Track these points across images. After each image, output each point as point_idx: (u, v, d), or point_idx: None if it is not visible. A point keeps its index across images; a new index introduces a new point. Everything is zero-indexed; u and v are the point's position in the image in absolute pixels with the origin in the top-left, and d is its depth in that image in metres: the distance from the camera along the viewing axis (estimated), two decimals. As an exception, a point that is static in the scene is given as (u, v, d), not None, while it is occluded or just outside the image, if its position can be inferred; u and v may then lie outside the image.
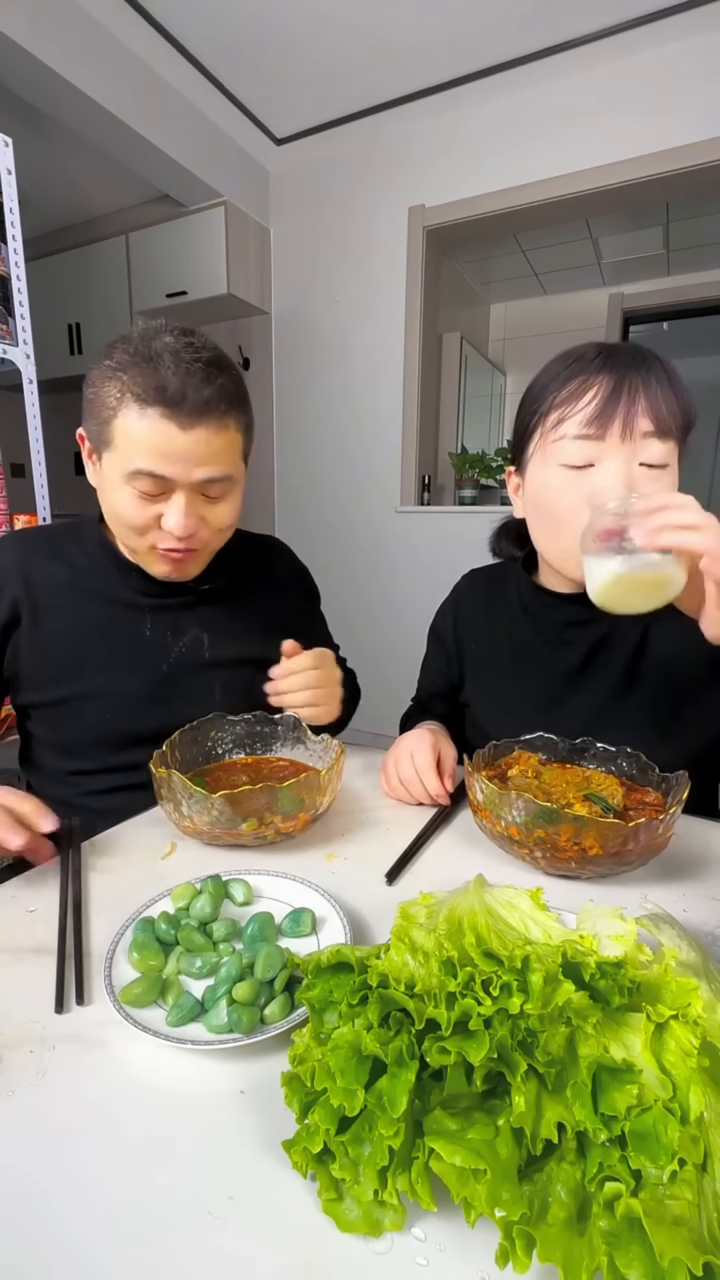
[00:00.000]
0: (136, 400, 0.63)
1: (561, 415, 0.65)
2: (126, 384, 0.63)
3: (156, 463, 0.64)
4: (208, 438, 0.65)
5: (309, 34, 2.12)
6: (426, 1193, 0.27)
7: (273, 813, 0.59)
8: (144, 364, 0.63)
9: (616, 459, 0.62)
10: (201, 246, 2.80)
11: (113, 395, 0.64)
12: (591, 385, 0.63)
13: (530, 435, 0.70)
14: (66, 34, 1.97)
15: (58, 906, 0.51)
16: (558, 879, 0.57)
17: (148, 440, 0.63)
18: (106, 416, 0.65)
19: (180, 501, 0.67)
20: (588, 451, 0.63)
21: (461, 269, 3.44)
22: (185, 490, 0.67)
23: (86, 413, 0.68)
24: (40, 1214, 0.29)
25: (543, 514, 0.70)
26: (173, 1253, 0.28)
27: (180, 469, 0.65)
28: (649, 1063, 0.29)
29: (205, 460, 0.66)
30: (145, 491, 0.66)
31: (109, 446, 0.66)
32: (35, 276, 2.09)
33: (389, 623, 2.94)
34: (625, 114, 2.22)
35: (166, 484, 0.66)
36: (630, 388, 0.61)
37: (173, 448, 0.64)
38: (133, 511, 0.68)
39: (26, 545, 0.80)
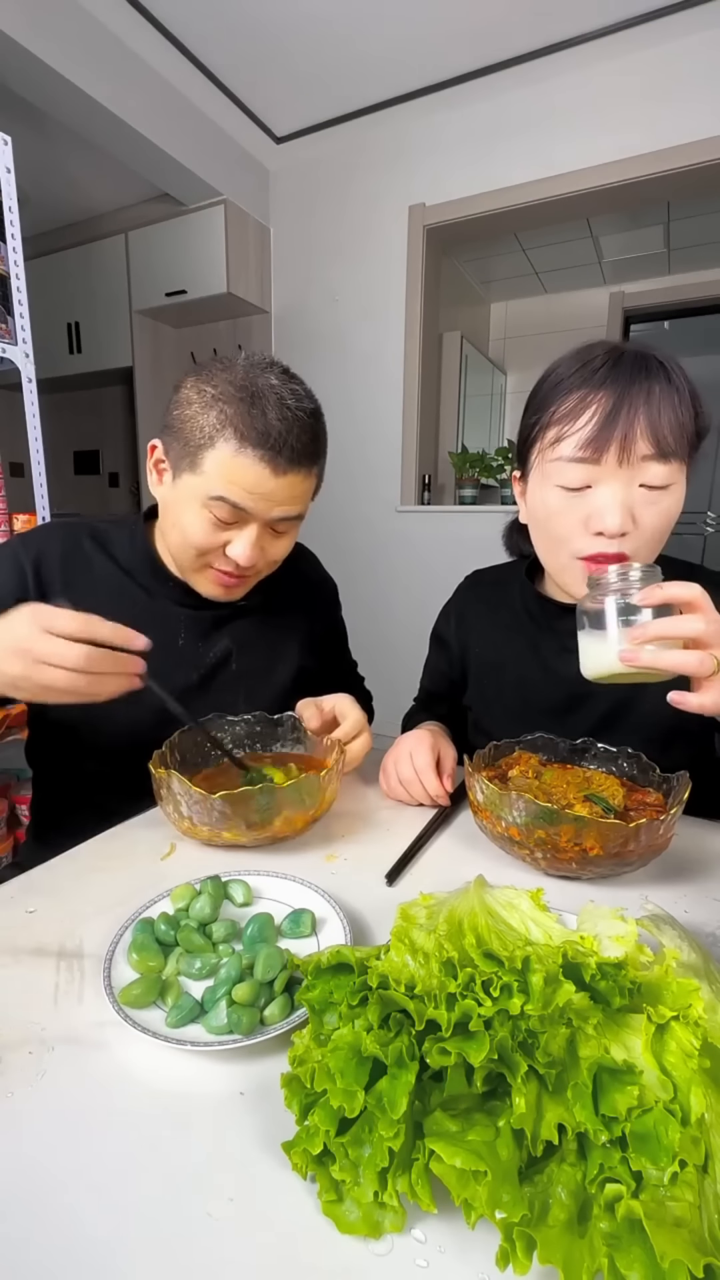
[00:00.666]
0: (238, 437, 0.64)
1: (559, 434, 0.63)
2: (230, 418, 0.64)
3: (243, 498, 0.66)
4: (295, 482, 0.69)
5: (309, 32, 2.12)
6: (426, 1194, 0.27)
7: (273, 813, 0.58)
8: (249, 404, 0.65)
9: (613, 483, 0.61)
10: (201, 245, 2.79)
11: (211, 424, 0.65)
12: (591, 403, 0.61)
13: (531, 445, 0.69)
14: (66, 32, 1.97)
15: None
16: (558, 880, 0.57)
17: (242, 478, 0.66)
18: (201, 442, 0.66)
19: (251, 534, 0.70)
20: (585, 474, 0.62)
21: (462, 268, 3.43)
22: (259, 524, 0.70)
23: (172, 430, 0.69)
24: (40, 1215, 0.29)
25: (542, 531, 0.70)
26: (172, 1254, 0.27)
27: (263, 506, 0.68)
28: (650, 1064, 0.29)
29: (286, 501, 0.69)
30: (220, 519, 0.68)
31: (195, 470, 0.67)
32: (34, 275, 2.09)
33: (389, 622, 2.94)
34: (625, 112, 2.22)
35: (243, 516, 0.68)
36: (630, 407, 0.59)
37: (263, 488, 0.66)
38: (202, 534, 0.69)
39: (74, 533, 0.80)
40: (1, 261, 1.55)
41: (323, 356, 2.95)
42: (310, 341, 2.98)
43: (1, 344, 1.54)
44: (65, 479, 3.99)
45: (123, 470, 3.83)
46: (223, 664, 0.82)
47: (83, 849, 0.61)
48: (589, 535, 0.63)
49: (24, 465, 1.70)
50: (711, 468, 4.06)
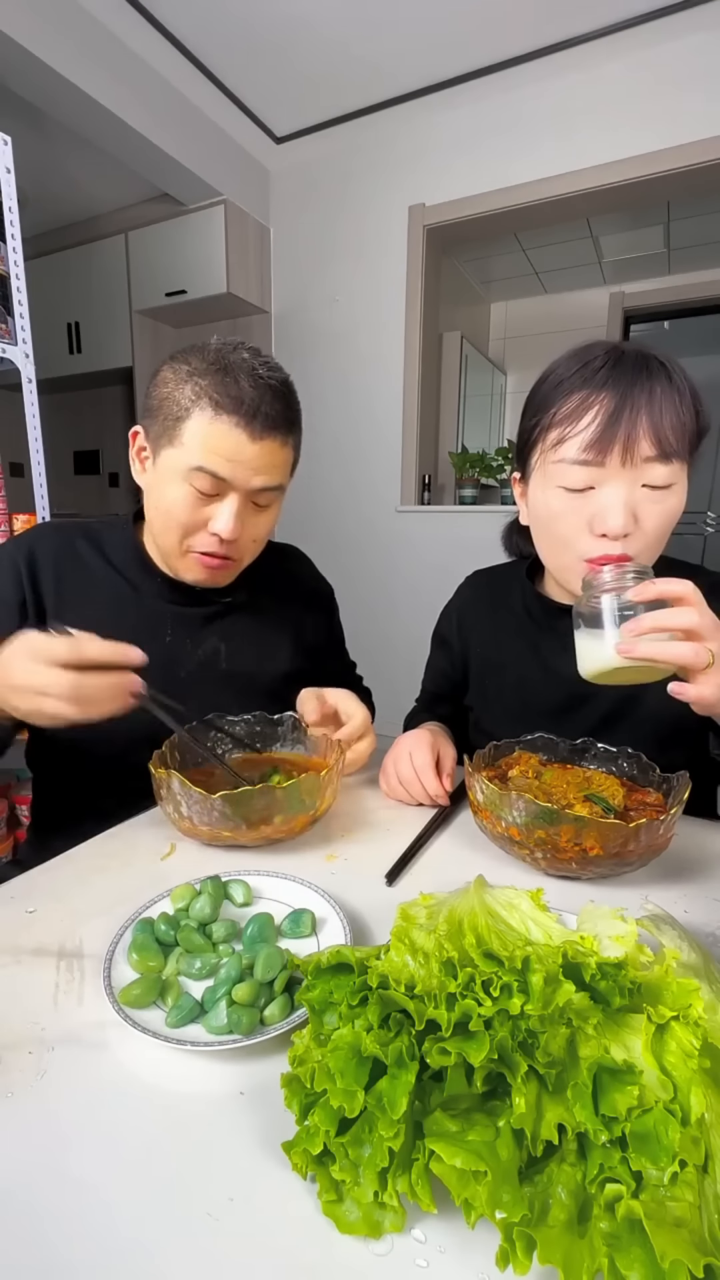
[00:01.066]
0: (213, 405, 0.67)
1: (561, 435, 0.63)
2: (205, 389, 0.67)
3: (221, 465, 0.68)
4: (272, 450, 0.70)
5: (309, 32, 2.12)
6: (426, 1194, 0.27)
7: (273, 813, 0.58)
8: (223, 374, 0.67)
9: (616, 484, 0.61)
10: (201, 245, 2.79)
11: (187, 397, 0.67)
12: (593, 404, 0.61)
13: (532, 447, 0.69)
14: (66, 32, 1.97)
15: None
16: (558, 880, 0.57)
17: (219, 444, 0.67)
18: (178, 415, 0.68)
19: (233, 505, 0.71)
20: (587, 476, 0.62)
21: (462, 268, 3.43)
22: (240, 495, 0.71)
23: (150, 411, 0.71)
24: (40, 1215, 0.29)
25: (544, 533, 0.70)
26: (172, 1254, 0.27)
27: (242, 475, 0.69)
28: (650, 1064, 0.29)
29: (264, 470, 0.70)
30: (202, 491, 0.69)
31: (174, 444, 0.69)
32: (34, 275, 2.09)
33: (389, 622, 2.94)
34: (626, 112, 2.22)
35: (224, 486, 0.70)
36: (632, 408, 0.59)
37: (240, 455, 0.68)
38: (184, 509, 0.70)
39: (66, 532, 0.82)
40: (1, 261, 1.55)
41: (323, 356, 2.95)
42: (310, 341, 2.98)
43: (1, 344, 1.54)
44: (65, 479, 3.99)
45: (123, 470, 3.83)
46: (211, 661, 0.82)
47: (83, 849, 0.61)
48: (592, 537, 0.63)
49: (24, 465, 1.70)
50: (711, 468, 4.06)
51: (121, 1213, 0.29)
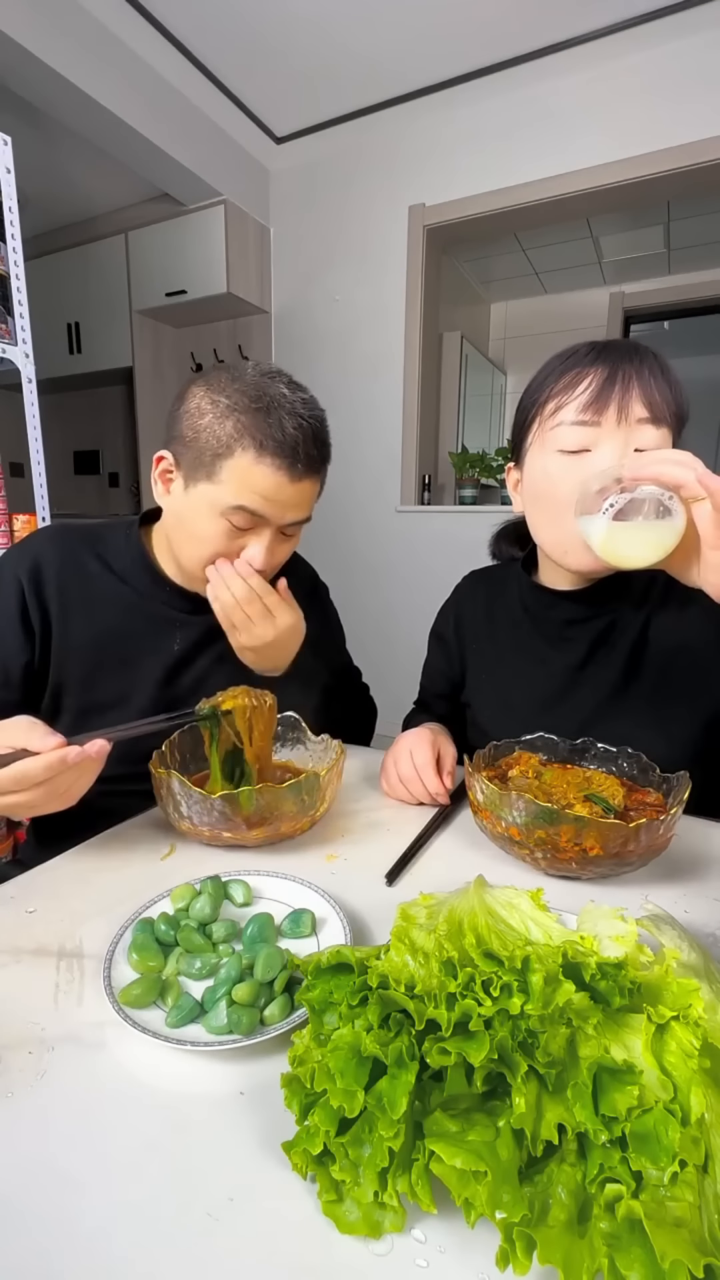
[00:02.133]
0: (256, 446, 0.66)
1: (559, 403, 0.66)
2: (247, 428, 0.66)
3: (261, 505, 0.69)
4: (307, 487, 0.72)
5: (309, 32, 2.11)
6: (426, 1194, 0.27)
7: (272, 814, 0.58)
8: (265, 414, 0.67)
9: (613, 443, 0.63)
10: (201, 245, 2.79)
11: (228, 433, 0.67)
12: (587, 375, 0.64)
13: (528, 428, 0.71)
14: (66, 32, 1.97)
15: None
16: (558, 880, 0.57)
17: (261, 486, 0.68)
18: (218, 451, 0.67)
19: (266, 538, 0.72)
20: (584, 437, 0.64)
21: (462, 268, 3.43)
22: (273, 529, 0.72)
23: (183, 439, 0.69)
24: (39, 1215, 0.29)
25: (542, 502, 0.70)
26: (172, 1254, 0.27)
27: (278, 512, 0.70)
28: (650, 1064, 0.29)
29: (299, 506, 0.72)
30: (237, 525, 0.70)
31: (211, 479, 0.68)
32: (34, 275, 2.09)
33: (389, 622, 2.94)
34: (626, 112, 2.21)
35: (259, 522, 0.70)
36: (624, 376, 0.63)
37: (280, 495, 0.69)
38: (219, 542, 0.71)
39: (67, 537, 0.80)
40: (1, 261, 1.55)
41: (323, 356, 2.95)
42: (310, 341, 2.98)
43: (1, 344, 1.54)
44: (65, 479, 3.99)
45: (123, 470, 3.83)
46: (216, 669, 0.82)
47: (83, 849, 0.61)
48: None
49: (24, 465, 1.70)
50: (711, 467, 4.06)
51: (121, 1213, 0.29)
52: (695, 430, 0.68)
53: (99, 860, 0.59)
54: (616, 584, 0.74)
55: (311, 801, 0.61)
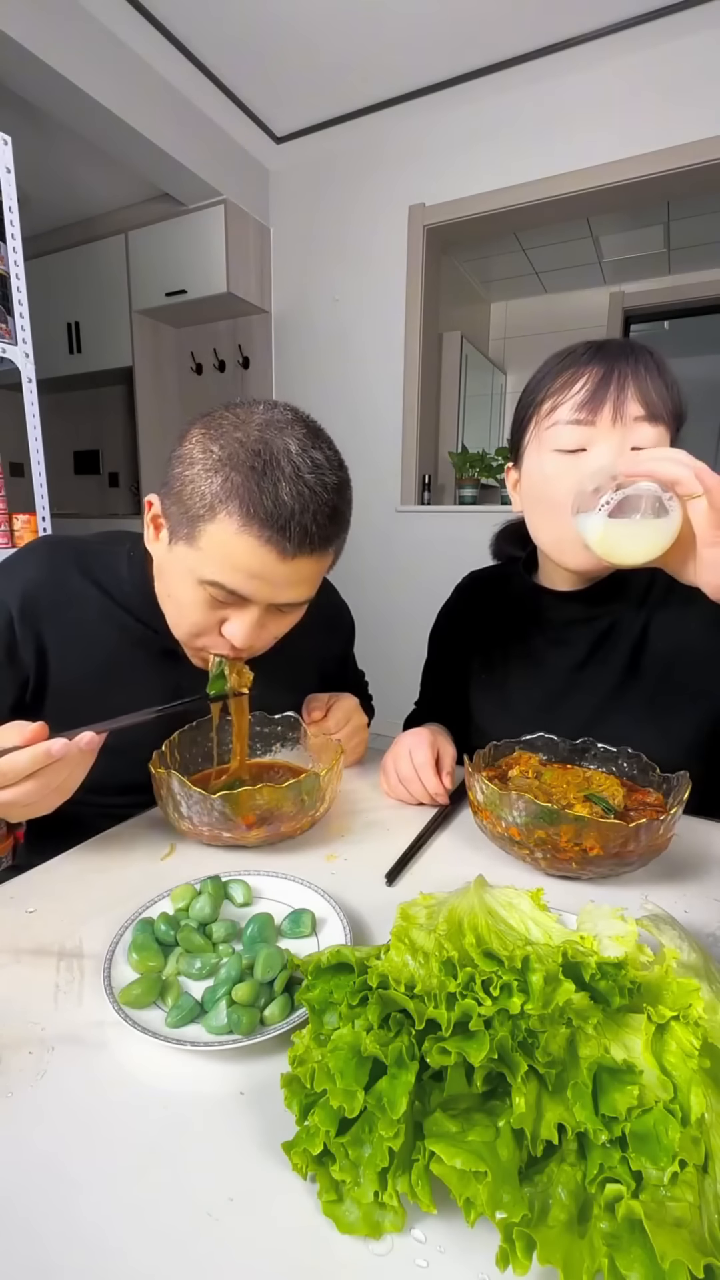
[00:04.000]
0: (242, 512, 0.54)
1: (555, 403, 0.66)
2: (235, 488, 0.54)
3: (242, 583, 0.57)
4: (306, 565, 0.58)
5: (309, 32, 2.11)
6: (426, 1195, 0.27)
7: (272, 814, 0.58)
8: (261, 475, 0.54)
9: (609, 442, 0.63)
10: (201, 245, 2.79)
11: (211, 491, 0.55)
12: (582, 374, 0.64)
13: (526, 427, 0.71)
14: (66, 32, 1.97)
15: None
16: (558, 880, 0.57)
17: (242, 561, 0.56)
18: (198, 512, 0.56)
19: (251, 616, 0.60)
20: (580, 436, 0.64)
21: (461, 268, 3.43)
22: (260, 607, 0.61)
23: (169, 487, 0.59)
24: (39, 1215, 0.29)
25: (540, 501, 0.70)
26: (172, 1254, 0.27)
27: (266, 592, 0.58)
28: (650, 1064, 0.29)
29: (294, 586, 0.59)
30: (217, 598, 0.59)
31: (191, 543, 0.57)
32: (34, 275, 2.09)
33: (389, 622, 2.94)
34: (626, 112, 2.21)
35: (243, 599, 0.60)
36: (620, 374, 0.63)
37: (266, 573, 0.57)
38: (196, 614, 0.62)
39: (59, 560, 0.71)
40: (1, 261, 1.55)
41: (323, 356, 2.95)
42: (310, 341, 2.98)
43: (1, 344, 1.54)
44: (65, 479, 3.99)
45: (123, 470, 3.83)
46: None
47: (83, 849, 0.61)
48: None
49: (24, 465, 1.70)
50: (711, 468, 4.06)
51: (121, 1213, 0.29)
52: (695, 430, 0.68)
53: (99, 860, 0.59)
54: (616, 584, 0.74)
55: (311, 801, 0.61)
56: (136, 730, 0.56)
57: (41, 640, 0.68)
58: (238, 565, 0.56)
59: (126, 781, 0.67)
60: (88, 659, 0.70)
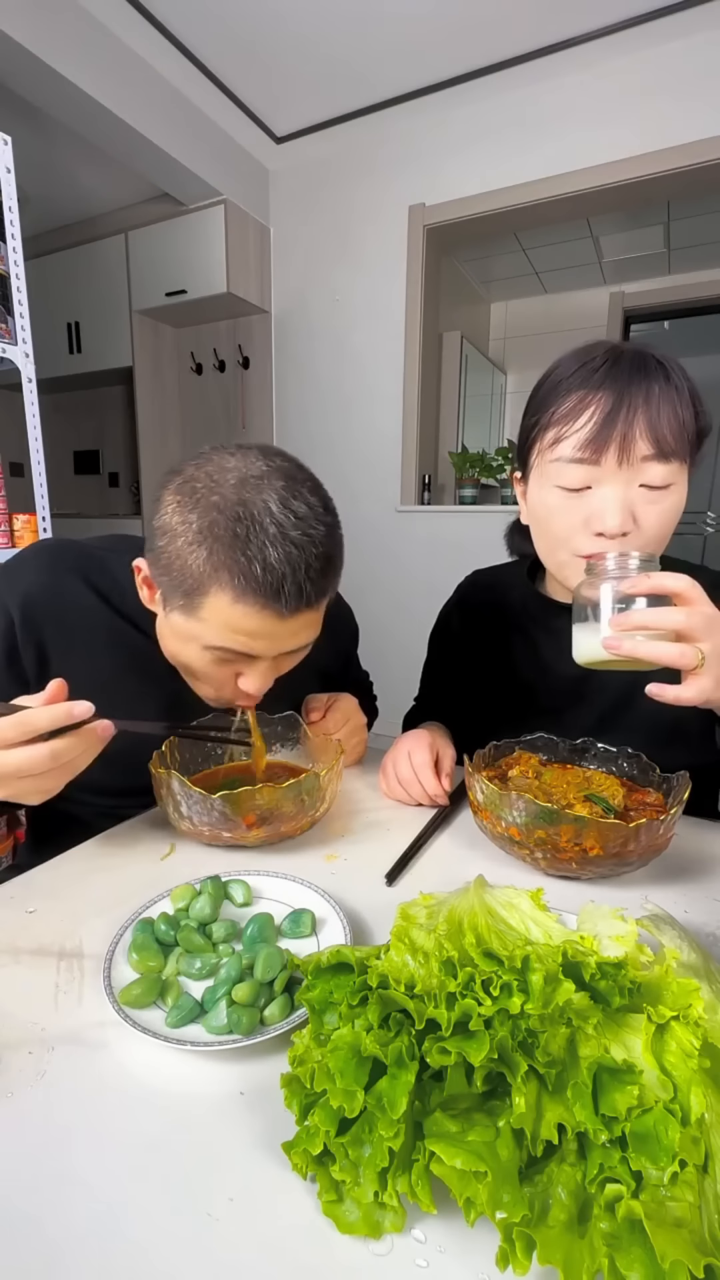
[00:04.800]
0: (233, 586, 0.53)
1: (559, 434, 0.63)
2: (223, 563, 0.53)
3: (246, 645, 0.58)
4: (306, 616, 0.59)
5: (309, 32, 2.11)
6: (426, 1195, 0.27)
7: (273, 814, 0.58)
8: (245, 543, 0.53)
9: (613, 483, 0.61)
10: (201, 245, 2.79)
11: (199, 567, 0.54)
12: (590, 403, 0.61)
13: (531, 446, 0.69)
14: (66, 32, 1.97)
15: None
16: (558, 880, 0.57)
17: (244, 627, 0.56)
18: (190, 588, 0.55)
19: (262, 667, 0.61)
20: (584, 475, 0.62)
21: (462, 268, 3.43)
22: (269, 660, 0.61)
23: (157, 561, 0.57)
24: (39, 1215, 0.29)
25: (542, 531, 0.70)
26: (172, 1254, 0.27)
27: (271, 648, 0.59)
28: (650, 1064, 0.29)
29: (298, 635, 0.60)
30: (224, 659, 0.60)
31: (188, 614, 0.58)
32: (34, 275, 2.09)
33: (389, 622, 2.94)
34: (625, 112, 2.21)
35: (249, 658, 0.61)
36: (629, 408, 0.59)
37: (267, 633, 0.57)
38: (210, 675, 0.62)
39: (61, 567, 0.70)
40: (1, 261, 1.55)
41: (323, 356, 2.95)
42: (310, 341, 2.98)
43: (1, 344, 1.54)
44: (65, 479, 3.99)
45: (123, 470, 3.83)
46: (230, 710, 0.75)
47: (83, 849, 0.61)
48: (589, 535, 0.63)
49: (24, 465, 1.70)
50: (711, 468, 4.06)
51: (121, 1213, 0.29)
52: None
53: (99, 860, 0.59)
54: None
55: (312, 802, 0.61)
56: (137, 737, 0.56)
57: (43, 645, 0.67)
58: (238, 630, 0.56)
59: (126, 784, 0.67)
60: (88, 666, 0.69)
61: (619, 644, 0.49)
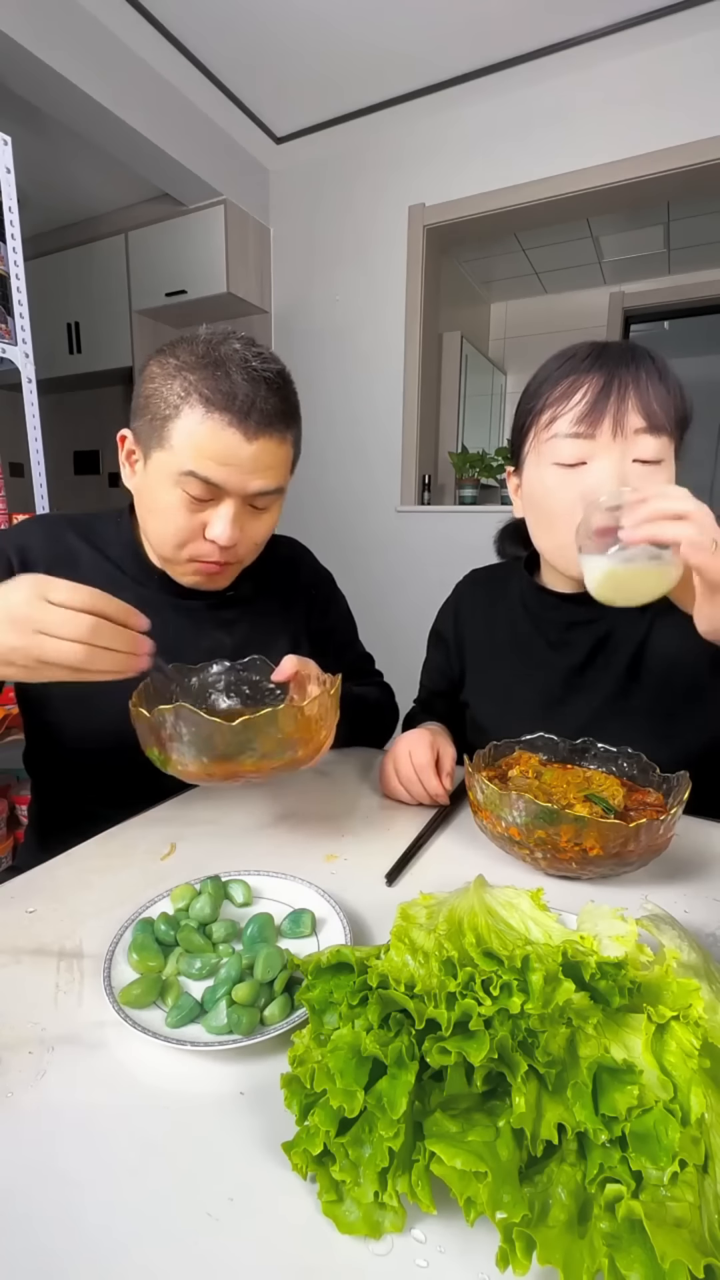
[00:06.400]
0: (204, 403, 0.62)
1: (554, 414, 0.65)
2: (194, 384, 0.62)
3: (215, 470, 0.63)
4: (269, 449, 0.65)
5: (309, 32, 2.11)
6: (426, 1195, 0.27)
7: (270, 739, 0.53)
8: (213, 368, 0.62)
9: (609, 456, 0.63)
10: (201, 245, 2.79)
11: (175, 394, 0.63)
12: (582, 384, 0.64)
13: (526, 434, 0.71)
14: (66, 32, 1.97)
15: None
16: (558, 880, 0.57)
17: (210, 446, 0.63)
18: (167, 415, 0.63)
19: (229, 510, 0.66)
20: (580, 449, 0.64)
21: (462, 268, 3.43)
22: (236, 500, 0.66)
23: (138, 410, 0.67)
24: (39, 1215, 0.29)
25: (539, 513, 0.70)
26: (172, 1255, 0.27)
27: (237, 479, 0.65)
28: (650, 1064, 0.29)
29: (262, 471, 0.66)
30: (195, 496, 0.65)
31: (163, 445, 0.64)
32: (34, 275, 2.09)
33: (388, 622, 2.93)
34: (625, 112, 2.21)
35: (218, 491, 0.65)
36: (620, 384, 0.62)
37: (234, 457, 0.64)
38: (178, 517, 0.67)
39: (53, 526, 0.78)
40: (1, 261, 1.55)
41: (323, 356, 2.95)
42: (310, 341, 2.98)
43: (1, 344, 1.54)
44: (65, 479, 3.99)
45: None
46: (214, 656, 0.78)
47: (83, 849, 0.61)
48: None
49: (24, 465, 1.70)
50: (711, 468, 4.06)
51: (121, 1213, 0.29)
52: (695, 430, 0.68)
53: (99, 860, 0.59)
54: None
55: (311, 730, 0.55)
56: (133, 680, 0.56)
57: None
58: (206, 452, 0.63)
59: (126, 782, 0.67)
60: None
61: (636, 531, 0.49)
